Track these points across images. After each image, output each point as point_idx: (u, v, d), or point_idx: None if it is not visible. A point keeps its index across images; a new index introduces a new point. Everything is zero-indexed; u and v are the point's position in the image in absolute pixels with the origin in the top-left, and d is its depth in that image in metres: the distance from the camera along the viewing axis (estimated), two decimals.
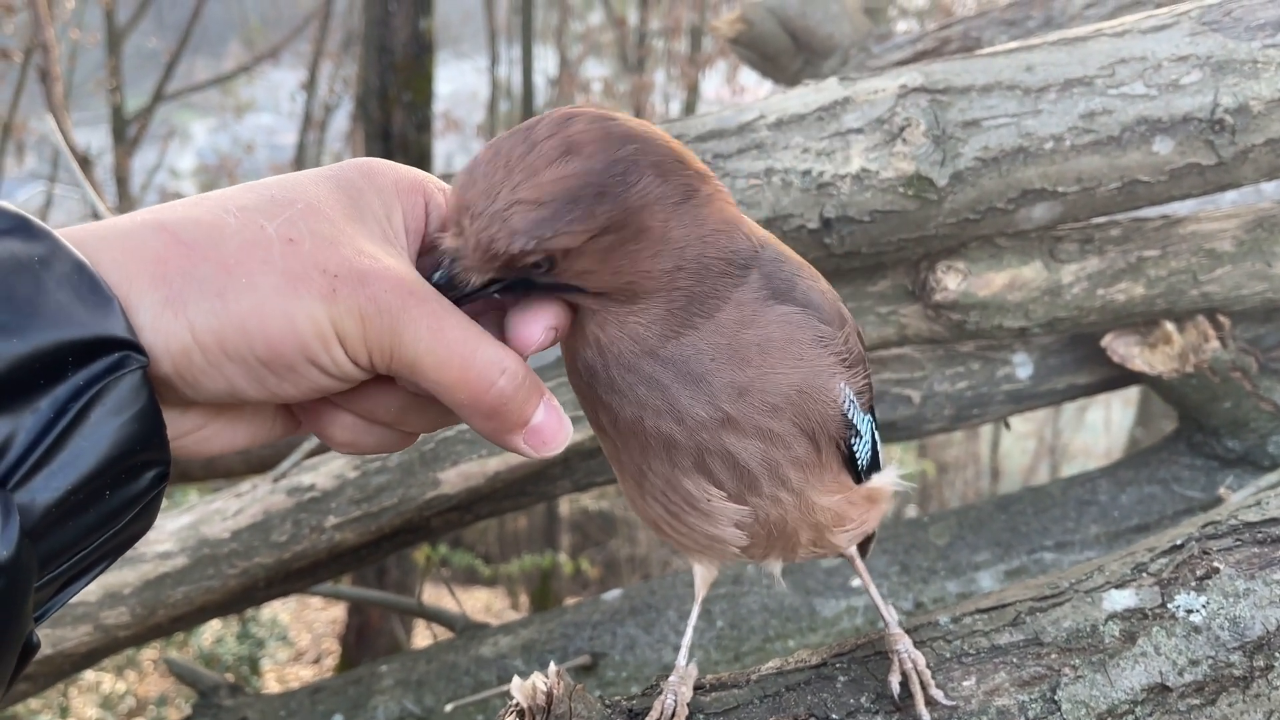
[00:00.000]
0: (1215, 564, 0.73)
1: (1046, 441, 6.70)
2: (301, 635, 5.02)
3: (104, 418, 0.41)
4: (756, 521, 0.64)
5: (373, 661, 1.26)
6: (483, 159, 0.52)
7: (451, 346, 0.47)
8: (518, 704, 0.68)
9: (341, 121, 7.50)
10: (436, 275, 0.51)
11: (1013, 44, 1.00)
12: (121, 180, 5.77)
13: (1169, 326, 1.10)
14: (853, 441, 0.64)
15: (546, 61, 7.47)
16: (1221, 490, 1.04)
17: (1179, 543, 0.76)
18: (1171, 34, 0.95)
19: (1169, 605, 0.72)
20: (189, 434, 0.48)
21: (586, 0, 7.78)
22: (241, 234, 0.45)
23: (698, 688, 0.74)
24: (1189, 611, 0.72)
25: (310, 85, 7.03)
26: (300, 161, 6.80)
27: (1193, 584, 0.73)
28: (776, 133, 1.00)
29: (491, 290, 0.52)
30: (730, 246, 0.55)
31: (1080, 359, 1.20)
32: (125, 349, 0.42)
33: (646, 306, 0.55)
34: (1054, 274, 1.09)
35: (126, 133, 5.95)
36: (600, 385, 0.57)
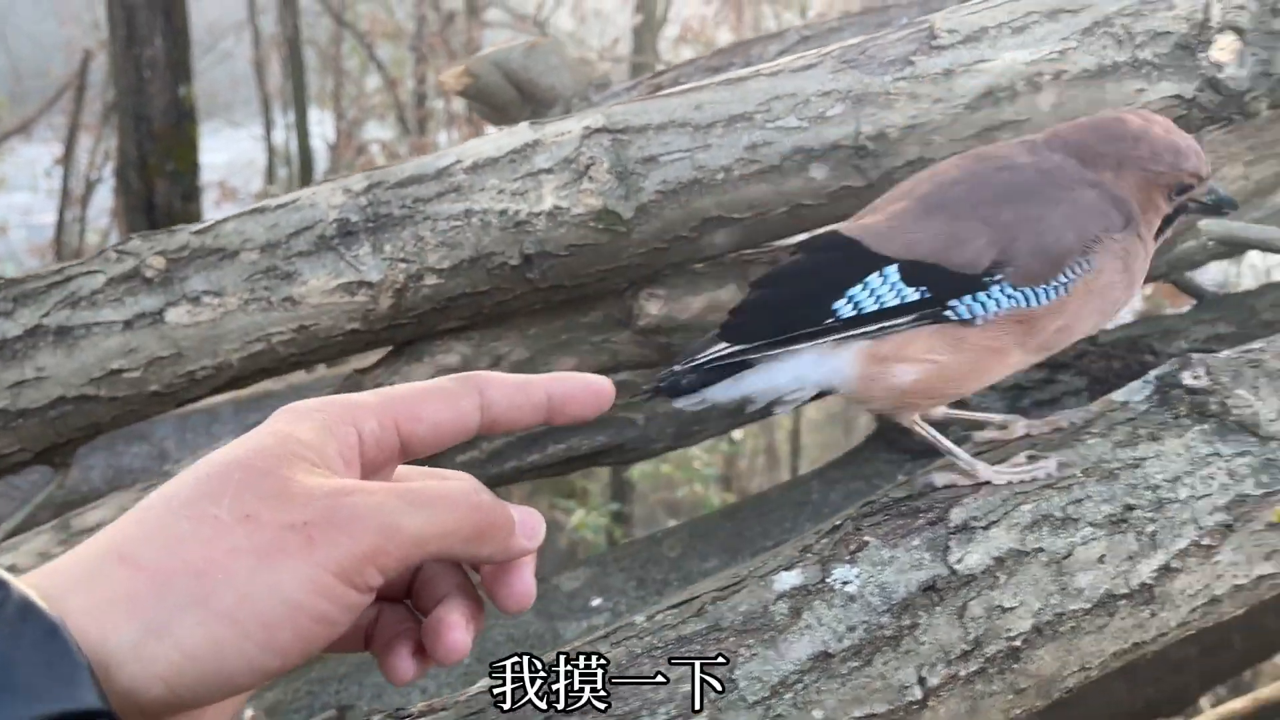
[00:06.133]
0: (865, 538, 0.81)
1: None
2: None
3: None
4: None
5: None
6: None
7: (434, 504, 0.48)
8: None
9: (106, 197, 7.08)
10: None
11: (685, 86, 1.09)
12: None
13: None
14: None
15: (325, 126, 7.33)
16: (900, 478, 1.15)
17: (838, 523, 0.84)
18: (817, 72, 1.07)
19: (828, 580, 0.79)
20: None
21: (363, 64, 7.70)
22: (198, 533, 0.44)
23: (405, 716, 0.75)
24: (845, 583, 0.79)
25: (67, 159, 6.61)
26: (61, 240, 6.37)
27: (847, 558, 0.80)
28: (473, 176, 1.05)
29: None
30: None
31: None
32: (97, 717, 0.40)
33: None
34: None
35: None
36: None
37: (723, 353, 0.84)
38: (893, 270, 0.82)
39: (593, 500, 6.47)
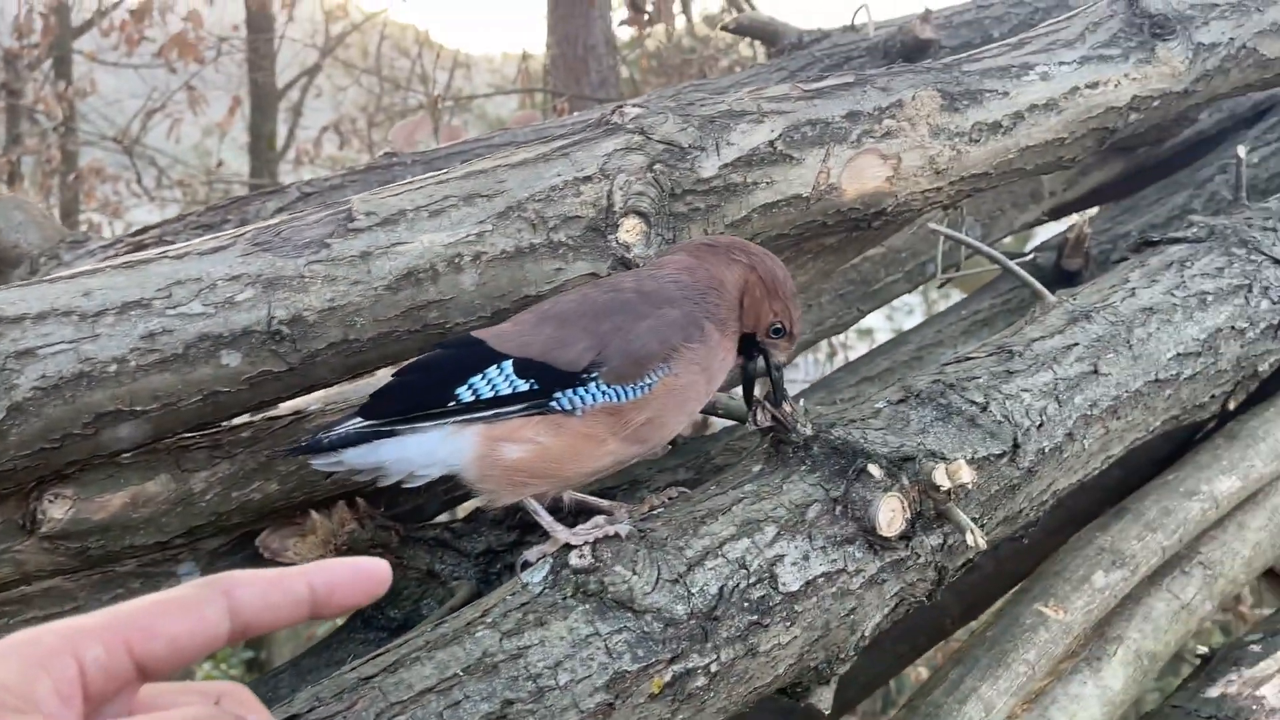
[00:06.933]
0: None
1: None
2: None
3: None
4: None
5: None
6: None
7: None
8: None
9: None
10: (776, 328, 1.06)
11: (76, 270, 1.00)
12: None
13: (315, 516, 1.16)
14: None
15: None
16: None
17: None
18: (226, 255, 1.02)
19: None
20: None
21: None
22: None
23: None
24: None
25: None
26: None
27: None
28: None
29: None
30: None
31: (250, 558, 1.21)
32: None
33: None
34: (183, 484, 1.09)
35: None
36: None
37: (357, 424, 0.97)
38: (508, 364, 0.98)
39: (221, 651, 5.88)
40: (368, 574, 0.53)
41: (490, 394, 0.98)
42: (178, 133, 5.99)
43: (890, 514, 1.01)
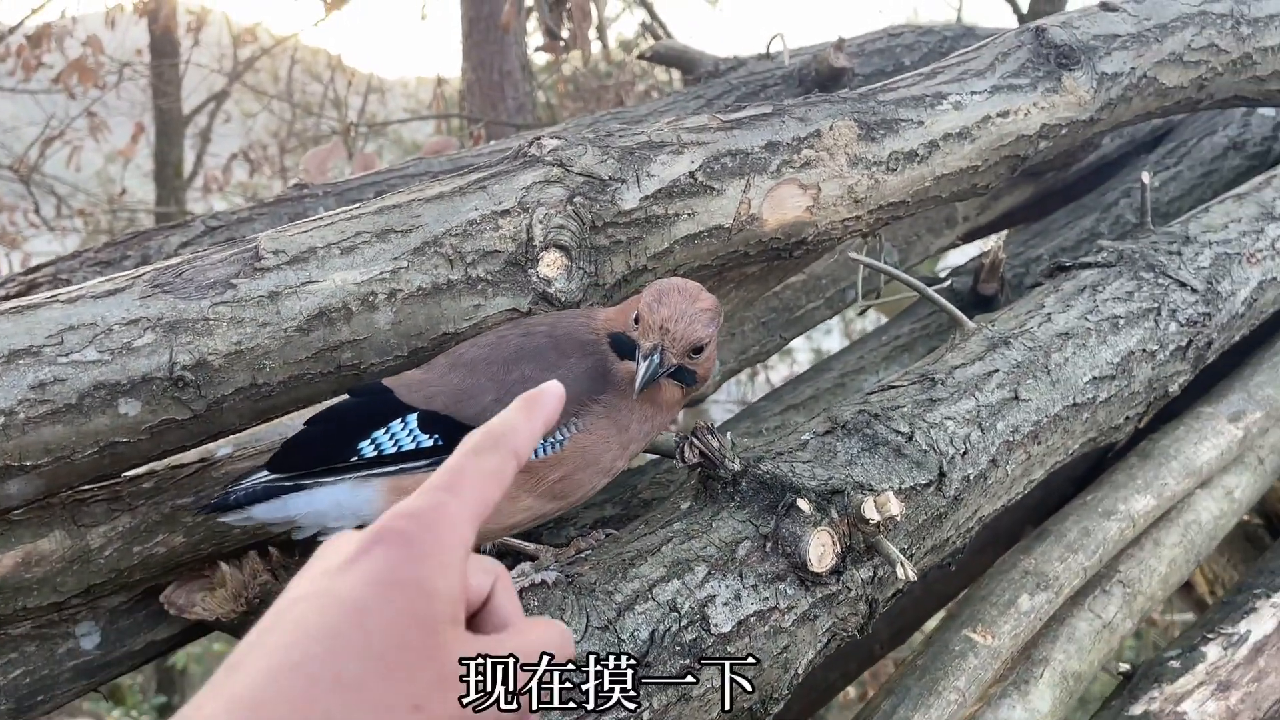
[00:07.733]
0: None
1: None
2: None
3: None
4: None
5: None
6: (664, 292, 0.94)
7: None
8: None
9: None
10: (653, 362, 0.93)
11: None
12: None
13: (225, 568, 1.10)
14: None
15: None
16: None
17: None
18: (123, 298, 0.97)
19: None
20: None
21: None
22: None
23: None
24: None
25: None
26: None
27: None
28: None
29: (669, 371, 0.95)
30: None
31: (154, 614, 1.15)
32: None
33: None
34: (79, 541, 1.03)
35: None
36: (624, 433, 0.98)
37: (264, 479, 0.94)
38: (413, 418, 0.94)
39: (130, 696, 5.70)
40: (560, 397, 0.58)
41: (393, 449, 0.95)
42: (78, 160, 5.77)
43: (821, 549, 0.99)
